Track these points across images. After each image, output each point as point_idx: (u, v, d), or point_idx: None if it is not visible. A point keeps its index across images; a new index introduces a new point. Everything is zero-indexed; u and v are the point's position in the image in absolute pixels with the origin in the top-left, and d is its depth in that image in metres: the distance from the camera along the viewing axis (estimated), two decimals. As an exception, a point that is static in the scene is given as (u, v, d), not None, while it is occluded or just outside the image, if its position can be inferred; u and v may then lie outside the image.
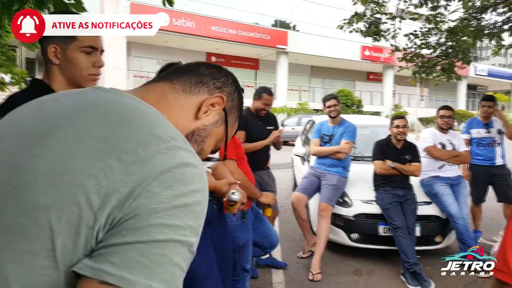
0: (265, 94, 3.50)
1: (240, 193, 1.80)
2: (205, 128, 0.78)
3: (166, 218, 0.50)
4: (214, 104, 0.78)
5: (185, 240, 0.52)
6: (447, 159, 3.92)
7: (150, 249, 0.48)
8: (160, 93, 0.74)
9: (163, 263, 0.49)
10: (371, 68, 27.30)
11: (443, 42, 4.47)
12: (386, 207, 3.63)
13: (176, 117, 0.72)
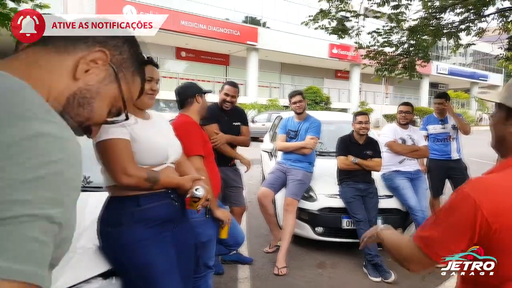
0: (227, 85, 3.47)
1: (204, 189, 1.76)
2: (89, 88, 0.70)
3: (14, 194, 0.48)
4: (96, 60, 0.71)
5: (41, 213, 0.50)
6: (407, 153, 4.07)
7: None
8: (32, 58, 0.67)
9: (13, 240, 0.47)
10: (339, 66, 27.84)
11: (404, 41, 4.63)
12: (349, 200, 3.72)
13: (51, 81, 0.66)
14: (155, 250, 1.65)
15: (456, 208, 0.98)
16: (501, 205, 0.91)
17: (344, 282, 3.31)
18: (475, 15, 4.36)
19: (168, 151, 1.77)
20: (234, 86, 3.51)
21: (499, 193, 0.93)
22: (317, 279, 3.35)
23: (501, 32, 4.70)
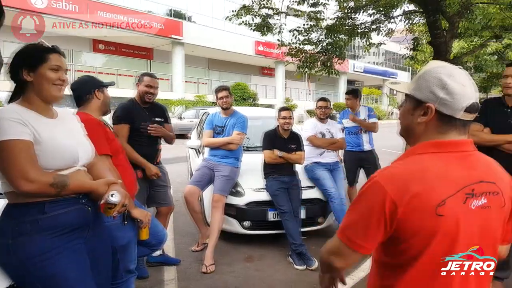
0: (147, 76, 3.29)
1: (120, 194, 1.60)
2: None
3: None
4: None
5: None
6: (326, 146, 4.30)
7: None
8: None
9: None
10: (264, 63, 28.49)
11: (323, 39, 4.87)
12: (275, 193, 3.81)
13: None
14: (65, 260, 1.50)
15: (367, 195, 1.04)
16: (405, 189, 0.98)
17: (270, 273, 3.39)
18: (385, 16, 4.75)
19: (78, 153, 1.62)
20: (154, 76, 3.35)
21: (403, 179, 1.00)
22: (245, 273, 3.38)
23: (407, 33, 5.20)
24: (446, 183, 0.99)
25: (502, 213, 1.06)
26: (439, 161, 1.02)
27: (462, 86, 1.01)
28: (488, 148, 2.94)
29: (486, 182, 1.03)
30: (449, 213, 0.97)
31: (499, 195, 1.04)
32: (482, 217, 1.02)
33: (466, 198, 0.99)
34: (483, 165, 1.07)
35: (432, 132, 1.06)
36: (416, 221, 0.98)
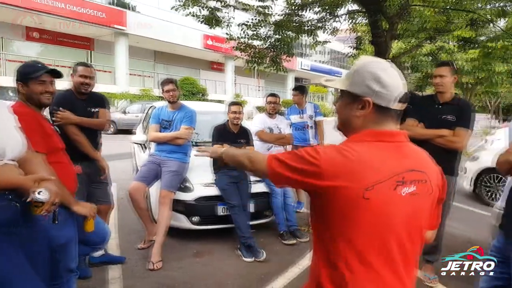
0: (80, 66, 3.07)
1: (49, 192, 1.49)
2: None
3: None
4: None
5: None
6: (274, 141, 4.37)
7: None
8: None
9: None
10: (214, 57, 28.19)
11: (271, 35, 4.92)
12: (224, 188, 3.81)
13: None
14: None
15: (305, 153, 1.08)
16: (339, 170, 1.02)
17: (219, 267, 3.38)
18: (330, 14, 4.91)
19: (5, 146, 1.49)
20: (88, 66, 3.16)
21: (340, 161, 1.04)
22: (193, 268, 3.34)
23: (351, 32, 5.43)
24: (378, 170, 1.04)
25: (430, 200, 1.14)
26: (374, 149, 1.07)
27: (393, 78, 1.08)
28: (420, 141, 3.17)
29: (416, 171, 1.09)
30: (376, 197, 1.02)
31: (427, 183, 1.12)
32: (411, 203, 1.08)
33: (396, 185, 1.05)
34: (414, 155, 1.13)
35: (370, 124, 1.12)
36: (343, 203, 1.03)
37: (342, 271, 1.07)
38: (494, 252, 1.89)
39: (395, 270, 1.10)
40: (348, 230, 1.05)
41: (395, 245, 1.08)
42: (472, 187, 6.23)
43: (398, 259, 1.09)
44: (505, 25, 6.01)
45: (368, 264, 1.06)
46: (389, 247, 1.08)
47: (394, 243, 1.08)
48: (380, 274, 1.07)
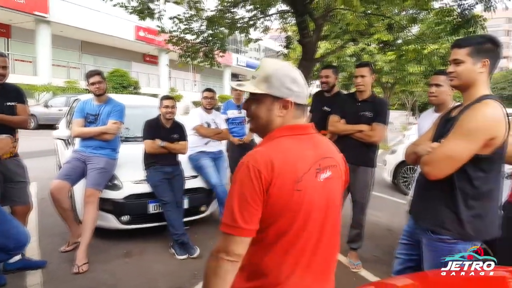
0: None
1: None
2: None
3: None
4: None
5: None
6: (211, 136, 4.38)
7: None
8: None
9: None
10: (147, 49, 27.09)
11: (204, 30, 4.89)
12: (156, 184, 3.72)
13: None
14: None
15: (242, 179, 1.09)
16: (272, 169, 1.07)
17: (150, 266, 3.31)
18: (261, 13, 5.01)
19: None
20: (0, 55, 2.90)
21: (270, 160, 1.09)
22: (122, 269, 3.22)
23: (281, 31, 5.60)
24: (302, 161, 1.13)
25: (341, 182, 1.27)
26: (295, 142, 1.16)
27: (302, 78, 1.21)
28: (343, 136, 3.40)
29: (328, 157, 1.21)
30: (305, 187, 1.11)
31: (337, 167, 1.25)
32: (328, 187, 1.19)
33: (316, 173, 1.15)
34: (323, 144, 1.25)
35: (289, 121, 1.21)
36: (283, 198, 1.09)
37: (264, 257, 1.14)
38: (405, 236, 2.10)
39: (318, 252, 1.19)
40: (279, 220, 1.11)
41: (317, 227, 1.17)
42: (391, 178, 6.81)
43: (321, 241, 1.19)
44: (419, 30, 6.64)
45: (294, 248, 1.14)
46: (312, 229, 1.16)
47: (316, 225, 1.17)
48: (305, 257, 1.16)
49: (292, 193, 1.09)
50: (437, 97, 2.91)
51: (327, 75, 3.86)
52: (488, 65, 1.72)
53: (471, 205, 1.71)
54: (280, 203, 1.09)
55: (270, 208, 1.09)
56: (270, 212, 1.10)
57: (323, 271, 1.24)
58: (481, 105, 1.67)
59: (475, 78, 1.73)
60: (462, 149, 1.64)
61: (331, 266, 1.30)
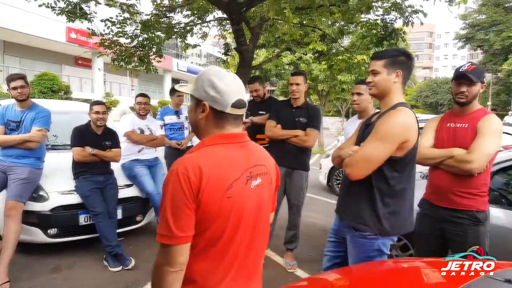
0: None
1: None
2: None
3: None
4: None
5: None
6: (145, 142, 4.26)
7: None
8: None
9: None
10: (79, 52, 25.57)
11: (139, 34, 4.76)
12: (86, 194, 3.54)
13: None
14: None
15: (174, 186, 1.09)
16: (202, 176, 1.09)
17: (81, 280, 3.13)
18: (199, 19, 5.01)
19: None
20: None
21: (199, 167, 1.10)
22: (50, 285, 3.01)
23: (220, 38, 5.64)
24: (233, 169, 1.16)
25: (271, 189, 1.33)
26: (226, 151, 1.19)
27: (227, 85, 1.18)
28: (279, 140, 3.52)
29: (259, 165, 1.26)
30: (236, 194, 1.15)
31: (268, 174, 1.30)
32: (258, 193, 1.24)
33: (247, 180, 1.20)
34: (256, 152, 1.30)
35: (211, 126, 1.22)
36: (213, 204, 1.11)
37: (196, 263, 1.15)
38: (332, 234, 2.24)
39: (250, 256, 1.24)
40: (210, 227, 1.13)
41: (248, 233, 1.21)
42: (326, 181, 7.15)
43: (253, 244, 1.24)
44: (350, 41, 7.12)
45: (224, 255, 1.17)
46: (244, 235, 1.20)
47: (247, 231, 1.21)
48: (237, 263, 1.20)
49: (222, 200, 1.12)
50: (359, 105, 3.14)
51: (256, 89, 3.97)
52: (401, 75, 1.90)
53: (387, 203, 1.88)
54: (211, 210, 1.11)
55: (201, 214, 1.11)
56: (202, 219, 1.12)
57: (252, 273, 1.29)
58: (396, 112, 1.84)
59: (390, 87, 1.91)
60: (378, 152, 1.80)
61: (259, 267, 1.35)
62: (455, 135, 2.27)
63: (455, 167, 2.19)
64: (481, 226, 2.22)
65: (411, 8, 4.09)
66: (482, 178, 2.22)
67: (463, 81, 2.23)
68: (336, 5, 3.57)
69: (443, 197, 2.29)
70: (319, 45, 6.28)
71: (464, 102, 2.26)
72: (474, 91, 2.23)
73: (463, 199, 2.22)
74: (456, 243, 2.28)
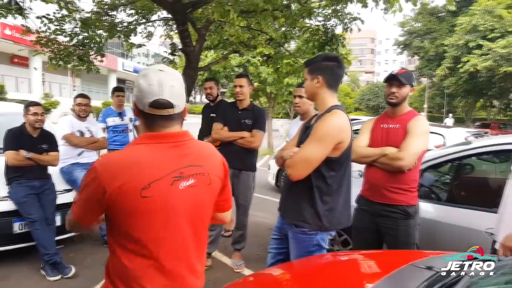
0: None
1: None
2: None
3: None
4: None
5: None
6: (85, 145, 4.08)
7: None
8: None
9: None
10: (15, 50, 23.73)
11: (78, 32, 4.54)
12: (21, 201, 3.33)
13: None
14: None
15: (86, 180, 1.16)
16: (116, 176, 1.10)
17: (16, 292, 2.94)
18: (144, 18, 4.90)
19: None
20: None
21: (116, 166, 1.12)
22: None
23: (166, 38, 5.55)
24: (153, 169, 1.15)
25: (209, 190, 1.32)
26: (151, 151, 1.18)
27: (149, 85, 1.16)
28: (226, 142, 3.56)
29: (194, 166, 1.25)
30: (156, 194, 1.14)
31: (205, 175, 1.29)
32: (192, 194, 1.24)
33: (173, 181, 1.18)
34: (195, 152, 1.28)
35: (143, 125, 1.23)
36: (127, 203, 1.12)
37: (126, 263, 1.16)
38: (275, 232, 2.31)
39: (181, 255, 1.24)
40: (132, 226, 1.14)
41: (179, 233, 1.22)
42: (275, 181, 7.31)
43: (186, 245, 1.24)
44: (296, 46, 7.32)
45: (151, 254, 1.17)
46: (175, 236, 1.21)
47: (178, 231, 1.21)
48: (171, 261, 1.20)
49: (138, 199, 1.12)
50: (300, 107, 3.27)
51: (210, 86, 4.15)
52: (322, 81, 2.01)
53: (325, 201, 1.99)
54: (124, 208, 1.12)
55: (115, 212, 1.13)
56: (117, 217, 1.14)
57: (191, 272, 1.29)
58: (330, 115, 1.96)
59: (316, 92, 2.04)
60: (316, 153, 1.90)
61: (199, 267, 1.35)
62: (388, 135, 2.45)
63: (388, 164, 2.37)
64: (411, 220, 2.42)
65: (350, 15, 4.33)
66: (412, 174, 2.42)
67: (394, 82, 2.43)
68: (279, 10, 3.70)
69: (378, 193, 2.46)
70: (267, 49, 6.40)
71: (394, 102, 2.45)
72: (404, 93, 2.43)
73: (395, 194, 2.40)
74: (389, 236, 2.46)
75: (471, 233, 2.57)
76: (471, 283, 1.24)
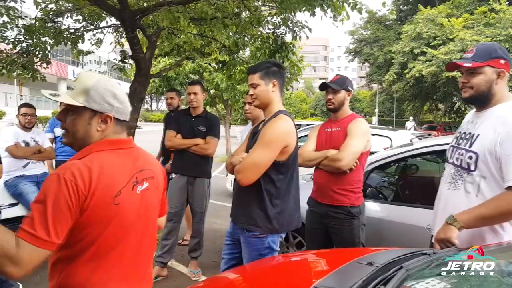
0: None
1: None
2: None
3: None
4: None
5: None
6: (31, 156, 3.88)
7: None
8: None
9: None
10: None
11: (22, 39, 4.33)
12: (-43, 219, 3.10)
13: None
14: None
15: (58, 192, 1.05)
16: (90, 184, 1.08)
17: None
18: (92, 25, 4.77)
19: None
20: None
21: (88, 174, 1.09)
22: None
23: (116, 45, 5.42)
24: (121, 176, 1.18)
25: (158, 193, 1.37)
26: (115, 157, 1.20)
27: (125, 95, 1.26)
28: (180, 150, 3.55)
29: (145, 170, 1.29)
30: (123, 201, 1.16)
31: (154, 178, 1.33)
32: (145, 198, 1.27)
33: (133, 186, 1.21)
34: (143, 157, 1.33)
35: (109, 136, 1.23)
36: (100, 212, 1.11)
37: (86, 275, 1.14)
38: (228, 238, 2.34)
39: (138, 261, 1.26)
40: (102, 235, 1.13)
41: (137, 238, 1.24)
42: (232, 187, 7.31)
43: (143, 250, 1.27)
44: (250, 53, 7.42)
45: (116, 263, 1.18)
46: (133, 241, 1.22)
47: (136, 236, 1.23)
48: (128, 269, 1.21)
49: (110, 207, 1.12)
50: (251, 113, 3.36)
51: (171, 97, 4.32)
52: (277, 84, 2.10)
53: (275, 204, 2.06)
54: (96, 217, 1.11)
55: (85, 222, 1.09)
56: (85, 226, 1.10)
57: (142, 278, 1.31)
58: (276, 119, 2.03)
59: (270, 97, 2.10)
60: (264, 157, 1.96)
61: (148, 272, 1.37)
62: (331, 138, 2.58)
63: (329, 165, 2.49)
64: (355, 220, 2.54)
65: (299, 23, 4.48)
66: (356, 175, 2.56)
67: (329, 89, 2.57)
68: (229, 17, 3.76)
69: (325, 194, 2.57)
70: (221, 56, 6.44)
71: (332, 108, 2.60)
72: (340, 98, 2.57)
73: (340, 195, 2.52)
74: (336, 236, 2.58)
75: (415, 230, 2.71)
76: (407, 276, 1.34)
